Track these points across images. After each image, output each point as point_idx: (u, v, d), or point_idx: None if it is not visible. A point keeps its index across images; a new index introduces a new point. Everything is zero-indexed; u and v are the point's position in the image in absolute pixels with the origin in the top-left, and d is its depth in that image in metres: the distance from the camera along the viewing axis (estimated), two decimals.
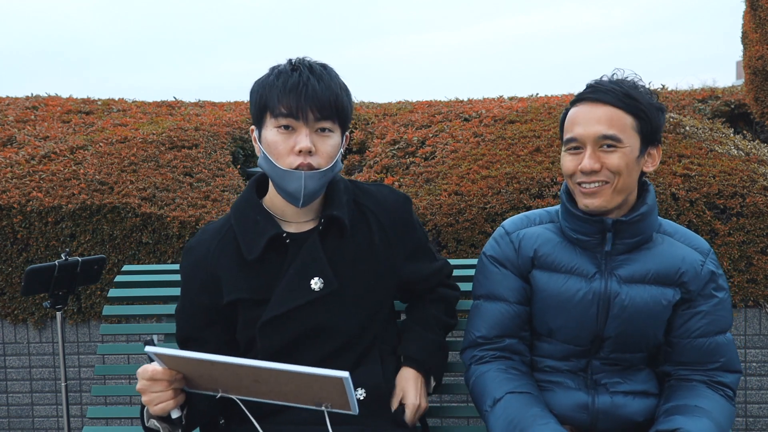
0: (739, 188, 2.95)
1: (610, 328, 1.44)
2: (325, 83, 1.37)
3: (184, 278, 1.50)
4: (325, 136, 1.39)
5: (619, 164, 1.37)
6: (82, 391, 3.41)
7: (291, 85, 1.35)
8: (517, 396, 1.42)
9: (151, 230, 3.26)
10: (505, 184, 3.10)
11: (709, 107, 4.18)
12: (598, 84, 1.42)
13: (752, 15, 3.98)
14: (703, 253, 1.47)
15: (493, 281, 1.53)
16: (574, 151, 1.42)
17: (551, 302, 1.47)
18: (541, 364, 1.53)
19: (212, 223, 1.54)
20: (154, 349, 1.16)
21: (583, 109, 1.41)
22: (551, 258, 1.48)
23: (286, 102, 1.35)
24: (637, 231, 1.43)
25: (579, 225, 1.45)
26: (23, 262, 3.33)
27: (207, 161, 3.78)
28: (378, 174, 3.65)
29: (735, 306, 3.00)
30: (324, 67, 1.41)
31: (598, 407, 1.46)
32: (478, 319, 1.54)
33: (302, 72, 1.37)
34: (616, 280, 1.44)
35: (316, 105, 1.35)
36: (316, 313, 1.42)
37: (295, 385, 1.17)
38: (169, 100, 5.34)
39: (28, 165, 3.62)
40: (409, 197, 1.59)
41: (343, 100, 1.40)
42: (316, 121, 1.36)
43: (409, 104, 4.85)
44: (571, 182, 1.44)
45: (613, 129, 1.37)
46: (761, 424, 3.05)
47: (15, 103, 4.98)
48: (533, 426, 1.35)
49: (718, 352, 1.45)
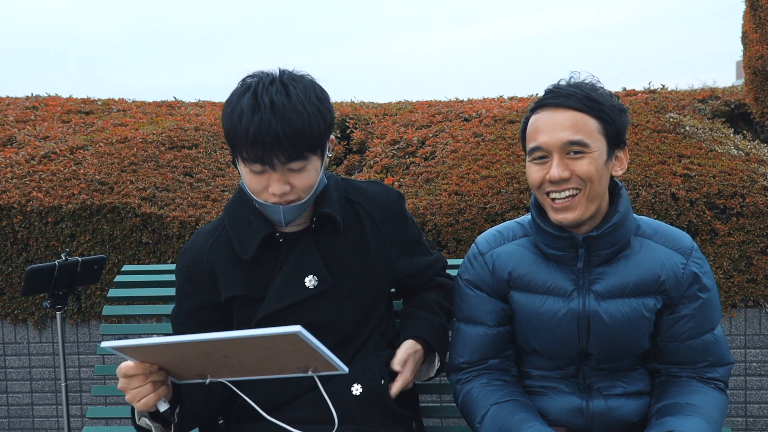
0: (739, 188, 2.95)
1: (593, 346, 1.42)
2: (288, 121, 1.26)
3: (182, 279, 1.49)
4: (300, 172, 1.33)
5: (589, 170, 1.32)
6: (82, 391, 3.41)
7: (253, 133, 1.26)
8: (502, 405, 1.42)
9: (151, 230, 3.26)
10: (505, 184, 3.10)
11: (709, 107, 4.18)
12: (557, 89, 1.36)
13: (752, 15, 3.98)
14: (685, 254, 1.41)
15: (471, 305, 1.50)
16: (539, 161, 1.36)
17: (532, 323, 1.44)
18: (533, 373, 1.52)
19: (206, 226, 1.54)
20: (110, 344, 1.12)
21: (546, 116, 1.35)
22: (527, 279, 1.44)
23: (251, 151, 1.29)
24: (612, 241, 1.38)
25: (550, 241, 1.40)
26: (23, 262, 3.33)
27: (207, 161, 3.78)
28: (378, 174, 3.65)
29: (735, 306, 3.00)
30: (287, 93, 1.28)
31: (592, 411, 1.45)
32: (460, 345, 1.52)
33: (264, 111, 1.26)
34: (594, 297, 1.40)
35: (282, 152, 1.28)
36: (312, 310, 1.43)
37: (265, 353, 1.15)
38: (169, 100, 5.34)
39: (28, 165, 3.62)
40: (401, 193, 1.59)
41: (313, 130, 1.30)
42: (286, 163, 1.31)
43: (409, 104, 4.85)
44: (540, 194, 1.38)
45: (579, 134, 1.31)
46: (761, 424, 3.05)
47: (15, 103, 4.98)
48: (519, 431, 1.35)
49: (707, 351, 1.43)
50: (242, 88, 1.32)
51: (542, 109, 1.36)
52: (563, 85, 1.37)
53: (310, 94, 1.31)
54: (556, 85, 1.38)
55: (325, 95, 1.36)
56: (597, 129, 1.33)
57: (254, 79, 1.32)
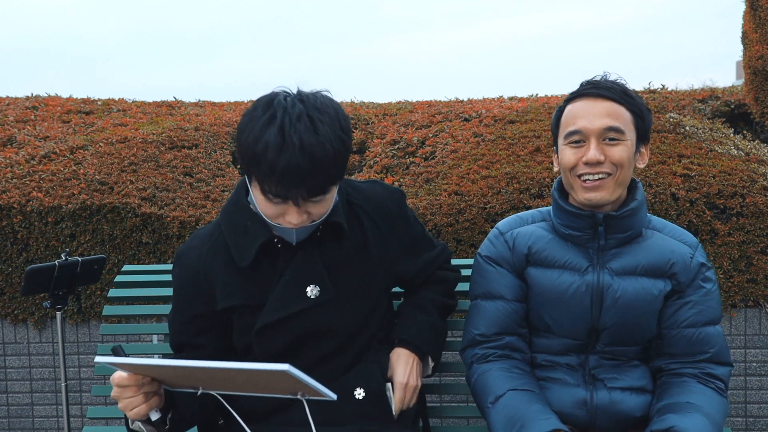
0: (739, 188, 2.95)
1: (605, 320, 1.47)
2: (317, 161, 1.21)
3: (177, 285, 1.48)
4: (319, 202, 1.31)
5: (622, 156, 1.41)
6: (82, 391, 3.41)
7: (279, 172, 1.21)
8: (520, 393, 1.44)
9: (151, 230, 3.26)
10: (505, 184, 3.10)
11: (709, 107, 4.18)
12: (593, 82, 1.47)
13: (752, 15, 3.98)
14: (692, 246, 1.51)
15: (490, 280, 1.55)
16: (575, 145, 1.44)
17: (546, 297, 1.50)
18: (540, 359, 1.54)
19: (202, 229, 1.51)
20: (105, 359, 1.15)
21: (585, 104, 1.44)
22: (544, 254, 1.51)
23: (273, 186, 1.24)
24: (628, 226, 1.47)
25: (571, 220, 1.48)
26: (23, 262, 3.33)
27: (207, 161, 3.78)
28: (378, 174, 3.65)
29: (735, 306, 3.00)
30: (316, 131, 1.22)
31: (597, 403, 1.47)
32: (476, 318, 1.56)
33: (292, 151, 1.20)
34: (608, 272, 1.47)
35: (306, 190, 1.25)
36: (312, 318, 1.40)
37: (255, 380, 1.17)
38: (169, 100, 5.34)
39: (28, 165, 3.62)
40: (402, 192, 1.57)
41: (338, 167, 1.27)
42: (308, 199, 1.28)
43: (409, 104, 4.85)
44: (571, 176, 1.46)
45: (617, 122, 1.42)
46: (761, 424, 3.05)
47: (15, 103, 4.98)
48: (534, 421, 1.36)
49: (708, 343, 1.47)
50: (265, 115, 1.24)
51: (581, 99, 1.46)
52: (601, 81, 1.47)
53: (336, 127, 1.26)
54: (592, 79, 1.49)
55: (348, 124, 1.31)
56: (631, 120, 1.44)
57: (278, 108, 1.24)
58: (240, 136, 1.27)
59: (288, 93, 1.28)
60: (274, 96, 1.27)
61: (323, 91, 1.32)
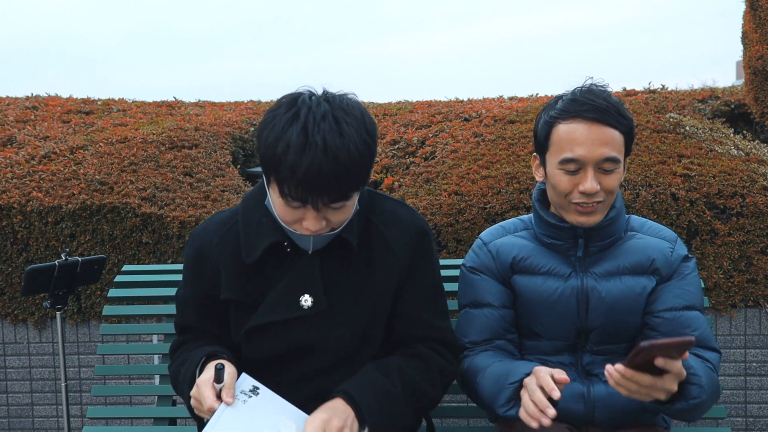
0: (739, 188, 2.95)
1: (592, 320, 1.49)
2: (341, 164, 1.16)
3: (187, 266, 1.47)
4: (339, 209, 1.26)
5: (615, 185, 1.43)
6: (82, 391, 3.41)
7: (301, 175, 1.16)
8: (504, 362, 1.46)
9: (151, 230, 3.26)
10: (505, 184, 3.10)
11: (709, 107, 4.18)
12: (587, 99, 1.41)
13: (752, 15, 3.98)
14: (671, 241, 1.53)
15: (477, 288, 1.56)
16: (572, 172, 1.42)
17: (533, 303, 1.51)
18: (532, 359, 1.54)
19: (221, 213, 1.48)
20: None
21: (583, 129, 1.40)
22: (528, 261, 1.53)
23: (294, 191, 1.19)
24: (608, 234, 1.49)
25: (552, 231, 1.51)
26: (23, 262, 3.33)
27: (207, 161, 3.78)
28: (378, 174, 3.66)
29: (735, 306, 3.00)
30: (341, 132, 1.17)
31: (594, 395, 1.47)
32: (466, 326, 1.57)
33: (315, 152, 1.15)
34: (592, 276, 1.49)
35: (328, 195, 1.20)
36: (303, 329, 1.38)
37: None
38: (169, 100, 5.34)
39: (28, 165, 3.62)
40: (426, 229, 1.45)
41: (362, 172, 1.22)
42: (329, 204, 1.24)
43: (409, 104, 4.85)
44: (565, 200, 1.45)
45: (614, 151, 1.40)
46: (761, 424, 3.05)
47: (15, 103, 4.98)
48: (518, 367, 1.37)
49: (689, 326, 1.45)
50: (288, 113, 1.20)
51: (577, 121, 1.41)
52: (592, 97, 1.41)
53: (362, 130, 1.21)
54: (582, 93, 1.43)
55: (374, 129, 1.26)
56: (623, 144, 1.43)
57: (303, 106, 1.20)
58: (260, 134, 1.22)
59: (313, 92, 1.25)
60: (298, 95, 1.24)
61: (349, 93, 1.28)
